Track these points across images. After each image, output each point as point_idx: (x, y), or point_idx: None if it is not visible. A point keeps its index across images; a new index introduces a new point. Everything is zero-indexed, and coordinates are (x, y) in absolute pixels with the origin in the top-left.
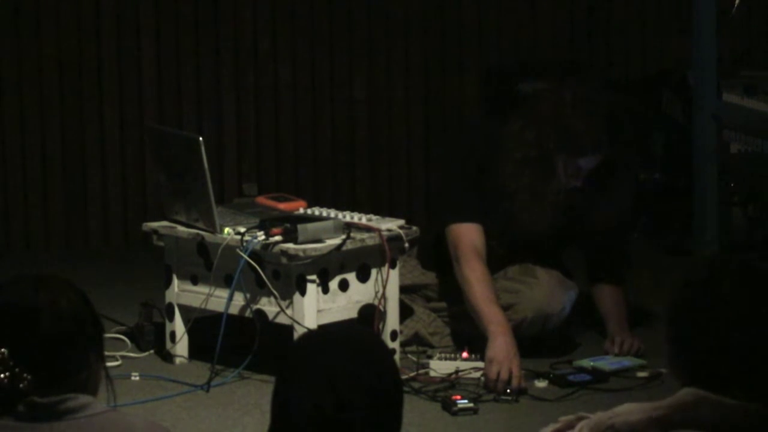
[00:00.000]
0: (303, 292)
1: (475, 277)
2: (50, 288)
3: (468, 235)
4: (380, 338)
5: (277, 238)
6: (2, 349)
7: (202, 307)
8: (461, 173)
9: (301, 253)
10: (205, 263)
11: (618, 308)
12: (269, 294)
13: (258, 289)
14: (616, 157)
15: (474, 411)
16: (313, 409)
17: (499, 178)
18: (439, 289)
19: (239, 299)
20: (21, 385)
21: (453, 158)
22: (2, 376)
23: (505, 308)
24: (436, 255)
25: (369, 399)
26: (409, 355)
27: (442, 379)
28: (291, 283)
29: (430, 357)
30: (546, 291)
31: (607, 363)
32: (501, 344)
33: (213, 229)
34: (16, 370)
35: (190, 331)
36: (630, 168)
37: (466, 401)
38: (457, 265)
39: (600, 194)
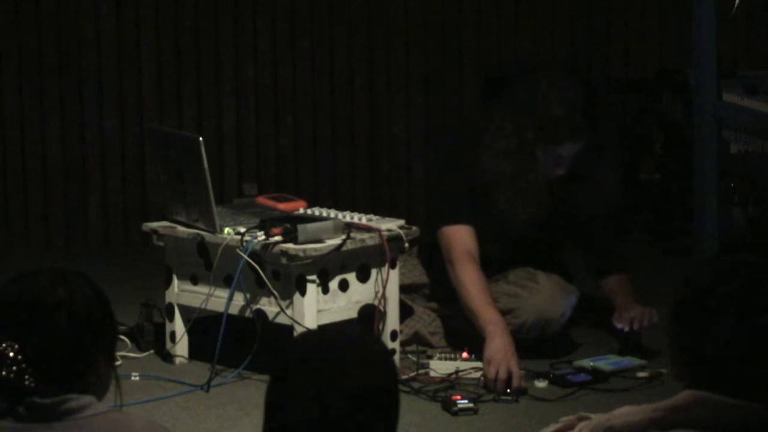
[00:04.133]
0: (303, 292)
1: (469, 279)
2: (69, 284)
3: (461, 238)
4: (376, 342)
5: (277, 238)
6: (12, 343)
7: (202, 307)
8: (452, 175)
9: (301, 253)
10: (205, 263)
11: (623, 287)
12: (269, 294)
13: (258, 289)
14: (598, 144)
15: (474, 411)
16: (299, 413)
17: (485, 174)
18: (434, 289)
19: (239, 299)
20: (26, 382)
21: (443, 161)
22: (10, 370)
23: (506, 312)
24: (434, 256)
25: (355, 405)
26: (409, 355)
27: (442, 379)
28: (291, 283)
29: (430, 357)
30: (546, 296)
31: (607, 363)
32: (499, 344)
33: (213, 229)
34: (23, 365)
35: (190, 331)
36: (613, 154)
37: (466, 401)
38: (450, 268)
39: (586, 183)
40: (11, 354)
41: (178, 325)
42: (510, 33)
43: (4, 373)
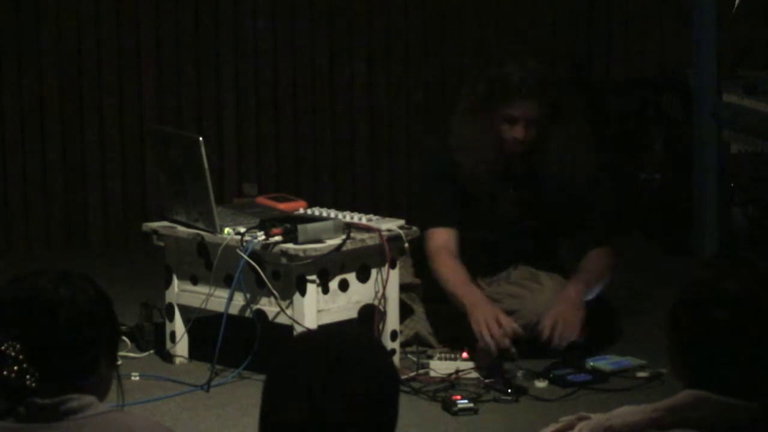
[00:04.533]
0: (303, 292)
1: (447, 267)
2: (71, 284)
3: (441, 238)
4: (374, 344)
5: (277, 238)
6: (14, 343)
7: (202, 307)
8: (433, 175)
9: (301, 253)
10: (205, 263)
11: (588, 265)
12: (269, 294)
13: (258, 289)
14: (571, 122)
15: (474, 411)
16: (293, 413)
17: (453, 139)
18: (426, 289)
19: (239, 299)
20: (27, 382)
21: (425, 162)
22: (12, 370)
23: (509, 313)
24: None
25: (350, 407)
26: (409, 355)
27: (442, 379)
28: (291, 283)
29: (430, 357)
30: (549, 297)
31: (607, 363)
32: (480, 311)
33: (213, 229)
34: (25, 365)
35: (190, 331)
36: (586, 134)
37: (466, 401)
38: (431, 264)
39: (553, 156)
40: (12, 353)
41: (178, 325)
42: (510, 33)
43: (5, 372)
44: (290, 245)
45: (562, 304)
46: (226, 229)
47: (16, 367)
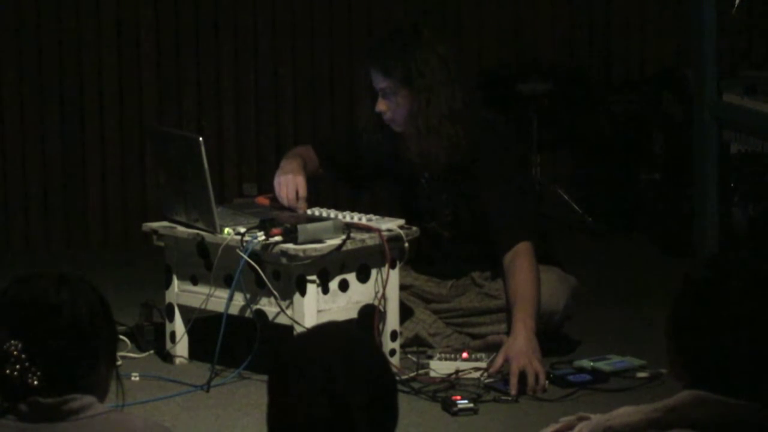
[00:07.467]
0: (303, 293)
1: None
2: (72, 287)
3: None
4: (364, 332)
5: (277, 238)
6: (16, 342)
7: (202, 307)
8: (340, 131)
9: (301, 254)
10: (205, 263)
11: (521, 297)
12: (269, 294)
13: (258, 289)
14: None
15: (474, 411)
16: (314, 412)
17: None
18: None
19: (239, 299)
20: (29, 381)
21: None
22: (14, 368)
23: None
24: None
25: (366, 393)
26: (409, 356)
27: (442, 379)
28: (291, 284)
29: (430, 357)
30: (548, 289)
31: (607, 363)
32: (286, 174)
33: (213, 229)
34: (27, 364)
35: (190, 331)
36: (489, 121)
37: (466, 401)
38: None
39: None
40: (15, 352)
41: (178, 325)
42: (510, 33)
43: (8, 371)
44: (290, 245)
45: (518, 354)
46: (226, 229)
47: (18, 366)
